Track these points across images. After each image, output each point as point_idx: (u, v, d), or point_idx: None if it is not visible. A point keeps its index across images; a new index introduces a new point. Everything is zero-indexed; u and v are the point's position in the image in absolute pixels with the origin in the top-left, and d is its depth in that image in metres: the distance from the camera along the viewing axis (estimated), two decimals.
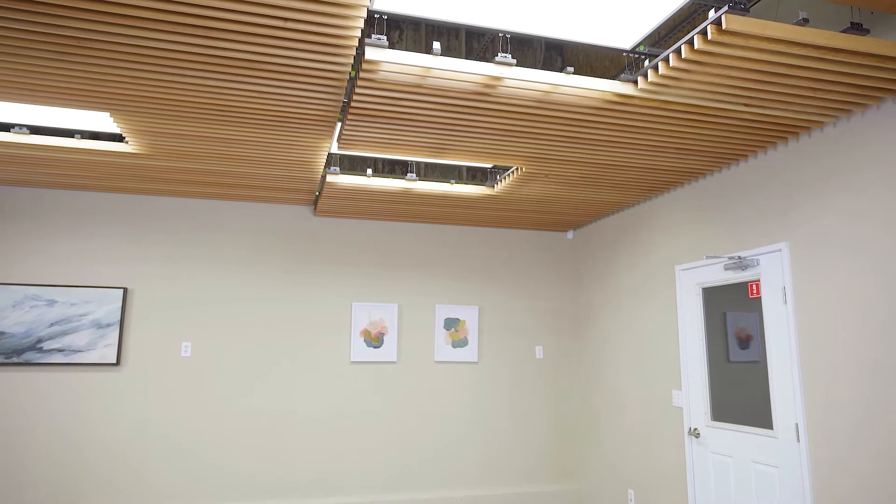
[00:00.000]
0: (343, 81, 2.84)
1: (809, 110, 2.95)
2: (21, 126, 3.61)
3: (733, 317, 3.69)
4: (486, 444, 5.34)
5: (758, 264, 3.49)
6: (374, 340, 5.25)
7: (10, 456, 4.42)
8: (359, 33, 2.44)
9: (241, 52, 2.56)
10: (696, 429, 3.93)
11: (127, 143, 3.73)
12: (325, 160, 4.02)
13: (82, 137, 3.76)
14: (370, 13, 2.45)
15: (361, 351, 5.20)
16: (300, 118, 3.27)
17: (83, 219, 4.81)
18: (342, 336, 5.21)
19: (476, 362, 5.46)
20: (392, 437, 5.14)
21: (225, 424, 4.82)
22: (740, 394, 3.61)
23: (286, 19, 2.31)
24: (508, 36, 2.61)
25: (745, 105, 2.91)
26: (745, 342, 3.58)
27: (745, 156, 3.63)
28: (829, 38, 2.34)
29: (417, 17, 2.50)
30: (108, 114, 3.31)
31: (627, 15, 2.47)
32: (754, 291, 3.52)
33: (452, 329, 5.46)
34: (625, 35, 2.62)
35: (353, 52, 2.59)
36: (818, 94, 2.76)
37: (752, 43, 2.33)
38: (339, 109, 3.17)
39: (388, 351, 5.26)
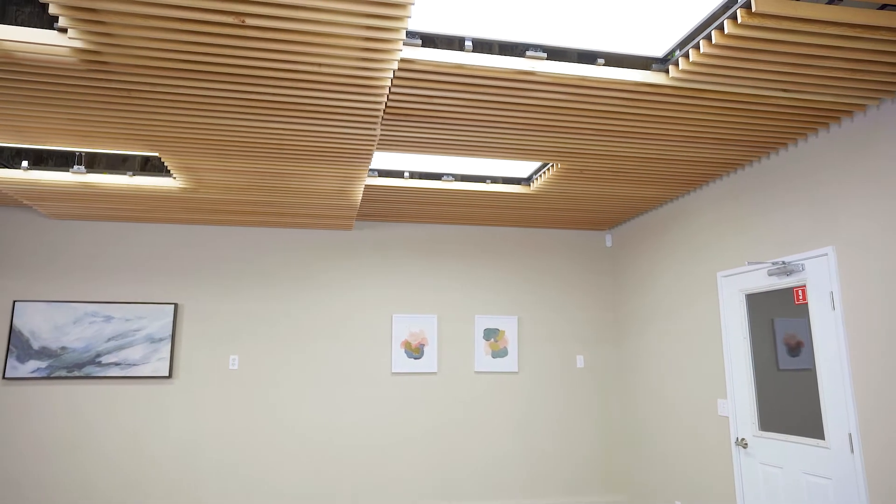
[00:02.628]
0: (377, 117, 2.95)
1: (850, 93, 2.87)
2: (79, 166, 3.81)
3: (782, 323, 3.59)
4: (529, 455, 5.32)
5: (803, 269, 3.40)
6: (415, 352, 5.31)
7: (74, 463, 4.65)
8: (391, 74, 2.55)
9: (280, 95, 2.74)
10: (743, 439, 3.83)
11: (175, 178, 3.94)
12: (362, 189, 4.15)
13: (133, 174, 3.96)
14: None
15: (402, 362, 5.27)
16: (337, 153, 3.43)
17: (137, 244, 5.06)
18: (383, 348, 5.29)
19: (516, 372, 5.46)
20: (434, 447, 5.18)
21: (270, 435, 4.95)
22: (789, 402, 3.51)
23: (320, 64, 2.45)
24: (541, 51, 2.64)
25: (782, 90, 2.85)
26: (795, 349, 3.49)
27: (785, 144, 3.54)
28: (865, 16, 2.26)
29: (451, 36, 2.57)
30: (157, 154, 3.52)
31: (658, 23, 2.48)
32: (800, 297, 3.43)
33: (492, 339, 5.48)
34: (656, 43, 2.62)
35: (386, 90, 2.70)
36: (858, 76, 2.69)
37: (785, 24, 2.28)
38: (374, 143, 3.29)
39: (429, 362, 5.31)
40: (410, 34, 2.52)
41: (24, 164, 3.73)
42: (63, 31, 2.24)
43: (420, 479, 5.10)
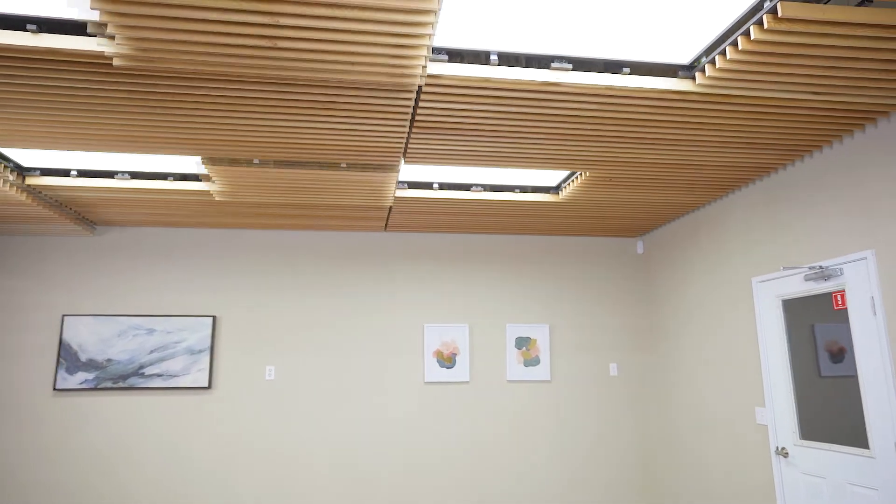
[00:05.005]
0: (406, 117, 3.00)
1: (884, 93, 2.81)
2: (123, 173, 4.01)
3: (822, 329, 3.51)
4: (564, 464, 5.28)
5: (841, 274, 3.33)
6: (447, 361, 5.34)
7: (119, 470, 4.81)
8: (420, 70, 2.58)
9: (315, 96, 2.78)
10: (783, 448, 3.75)
11: (214, 182, 4.06)
12: (394, 187, 4.19)
13: (174, 179, 4.12)
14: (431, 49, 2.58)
15: (434, 372, 5.30)
16: (369, 151, 3.47)
17: (176, 253, 5.23)
18: (415, 357, 5.34)
19: (549, 381, 5.43)
20: (468, 457, 5.19)
21: (306, 443, 5.03)
22: (831, 410, 3.42)
23: (353, 63, 2.49)
24: (567, 62, 2.67)
25: (814, 93, 2.81)
26: (837, 355, 3.40)
27: (819, 146, 3.48)
28: (894, 16, 2.22)
29: (476, 50, 2.61)
30: (199, 158, 3.63)
31: (683, 31, 2.48)
32: (839, 302, 3.35)
33: (524, 348, 5.47)
34: (682, 50, 2.62)
35: (415, 89, 2.74)
36: (891, 76, 2.63)
37: (813, 28, 2.25)
38: (404, 141, 3.33)
39: (461, 371, 5.34)
40: (437, 50, 2.58)
41: (74, 172, 3.97)
42: (112, 37, 2.33)
43: (455, 487, 5.12)
